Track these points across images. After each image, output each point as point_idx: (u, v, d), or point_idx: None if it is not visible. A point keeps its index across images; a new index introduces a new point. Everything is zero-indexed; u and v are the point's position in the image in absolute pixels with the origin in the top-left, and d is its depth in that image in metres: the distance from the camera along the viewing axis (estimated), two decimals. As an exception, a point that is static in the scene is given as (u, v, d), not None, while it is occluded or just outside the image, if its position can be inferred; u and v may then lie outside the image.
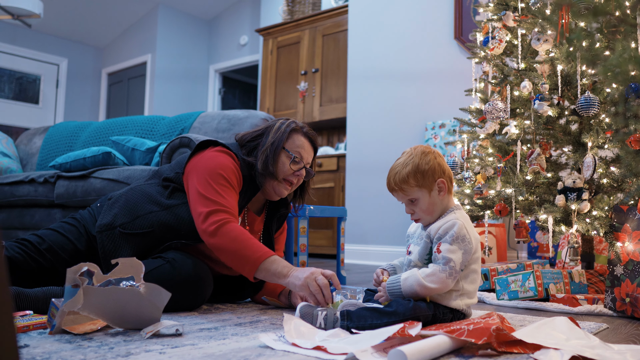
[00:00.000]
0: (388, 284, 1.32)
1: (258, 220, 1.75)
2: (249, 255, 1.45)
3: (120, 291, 1.19)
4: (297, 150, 1.66)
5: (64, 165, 2.77)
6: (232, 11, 6.91)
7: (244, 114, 2.93)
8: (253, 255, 1.45)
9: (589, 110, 1.93)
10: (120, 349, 1.05)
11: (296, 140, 1.67)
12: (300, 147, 1.67)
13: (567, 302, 1.82)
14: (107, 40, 7.44)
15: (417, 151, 1.37)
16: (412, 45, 4.14)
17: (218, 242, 1.47)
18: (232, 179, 1.57)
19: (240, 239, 1.46)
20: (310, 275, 1.40)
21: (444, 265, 1.27)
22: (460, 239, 1.28)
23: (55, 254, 1.56)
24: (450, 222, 1.31)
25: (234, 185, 1.57)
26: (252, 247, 1.46)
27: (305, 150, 1.68)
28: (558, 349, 1.07)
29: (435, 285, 1.26)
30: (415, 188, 1.34)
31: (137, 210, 1.59)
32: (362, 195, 4.30)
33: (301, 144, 1.67)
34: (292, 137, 1.67)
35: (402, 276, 1.30)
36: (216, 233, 1.47)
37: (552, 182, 2.14)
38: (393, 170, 1.38)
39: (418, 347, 0.99)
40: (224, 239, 1.46)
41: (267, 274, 1.45)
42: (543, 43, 2.03)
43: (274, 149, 1.63)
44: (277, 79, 5.48)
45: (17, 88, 6.75)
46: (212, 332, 1.24)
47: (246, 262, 1.45)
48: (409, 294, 1.28)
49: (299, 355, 1.04)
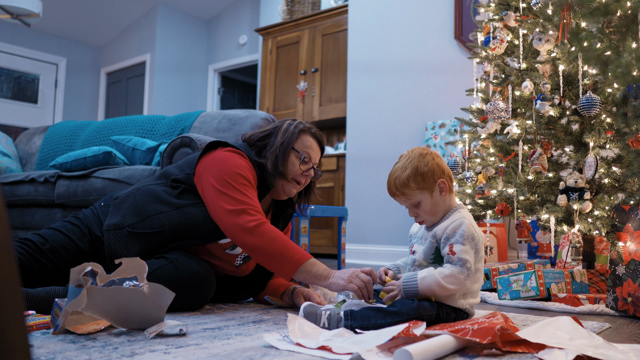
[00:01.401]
0: (404, 282, 1.31)
1: None
2: (289, 256, 1.47)
3: (124, 291, 1.19)
4: (306, 150, 1.68)
5: (64, 165, 2.76)
6: (231, 11, 6.91)
7: (245, 113, 2.93)
8: (294, 257, 1.47)
9: (591, 110, 1.93)
10: (125, 349, 1.05)
11: (305, 140, 1.69)
12: (309, 147, 1.69)
13: (569, 301, 1.82)
14: (106, 39, 7.43)
15: (415, 154, 1.37)
16: (412, 45, 4.15)
17: (256, 242, 1.47)
18: (250, 178, 1.58)
19: (279, 240, 1.48)
20: (352, 274, 1.44)
21: (461, 267, 1.27)
22: (470, 237, 1.29)
23: (57, 254, 1.56)
24: (457, 221, 1.31)
25: (252, 185, 1.58)
26: (292, 249, 1.48)
27: (313, 150, 1.70)
28: (562, 348, 1.07)
29: (454, 286, 1.27)
30: (416, 191, 1.34)
31: (146, 211, 1.58)
32: (362, 194, 4.30)
33: (310, 144, 1.69)
34: (301, 138, 1.69)
35: (419, 275, 1.30)
36: (254, 232, 1.47)
37: (553, 182, 2.14)
38: (392, 175, 1.37)
39: (423, 347, 0.99)
40: (264, 239, 1.47)
41: (308, 275, 1.48)
42: (545, 43, 2.03)
43: (283, 149, 1.64)
44: (277, 79, 5.48)
45: (16, 87, 6.74)
46: (216, 332, 1.24)
47: (287, 263, 1.47)
48: (425, 293, 1.29)
49: (304, 355, 1.04)
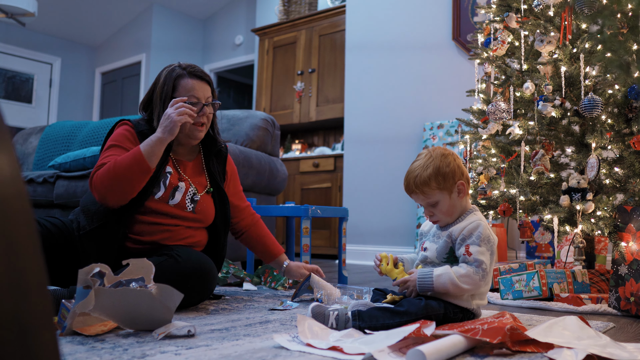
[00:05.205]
0: (419, 278, 1.32)
1: (190, 165, 1.78)
2: (132, 160, 1.52)
3: (131, 292, 1.18)
4: (189, 94, 1.66)
5: (63, 165, 2.74)
6: (227, 11, 6.89)
7: (244, 114, 2.93)
8: (134, 155, 1.52)
9: (593, 112, 1.94)
10: (135, 350, 1.04)
11: (185, 85, 1.67)
12: (191, 89, 1.66)
13: (571, 301, 1.83)
14: (101, 39, 7.39)
15: (437, 153, 1.37)
16: (410, 46, 4.16)
17: (100, 177, 1.53)
18: (123, 142, 1.64)
19: (115, 165, 1.52)
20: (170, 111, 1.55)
21: (477, 267, 1.28)
22: (486, 239, 1.30)
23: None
24: (474, 223, 1.32)
25: (123, 145, 1.64)
26: (126, 158, 1.52)
27: (197, 89, 1.67)
28: (571, 347, 1.08)
29: (469, 286, 1.28)
30: (436, 191, 1.35)
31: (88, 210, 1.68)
32: (360, 195, 4.30)
33: (191, 86, 1.67)
34: (180, 84, 1.67)
35: (435, 272, 1.31)
36: (93, 175, 1.56)
37: (554, 182, 2.15)
38: (412, 172, 1.37)
39: (436, 347, 0.99)
40: (103, 172, 1.53)
41: (149, 148, 1.52)
42: (546, 44, 2.04)
43: (163, 105, 1.66)
44: (274, 79, 5.48)
45: (10, 87, 6.69)
46: (224, 333, 1.24)
47: (134, 163, 1.51)
48: (440, 290, 1.29)
49: (315, 356, 1.04)
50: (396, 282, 1.37)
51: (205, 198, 1.74)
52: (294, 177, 4.90)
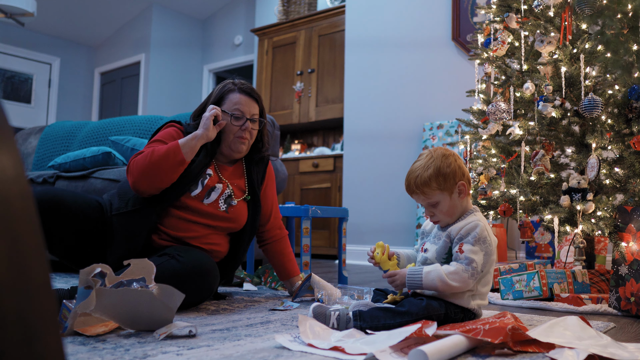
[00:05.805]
0: (409, 274, 1.32)
1: (230, 169, 1.83)
2: (167, 153, 1.61)
3: (133, 292, 1.18)
4: (234, 108, 1.74)
5: (63, 165, 2.74)
6: (226, 11, 6.89)
7: (244, 114, 2.92)
8: (170, 149, 1.61)
9: (593, 112, 1.95)
10: (137, 350, 1.04)
11: (232, 99, 1.76)
12: (237, 103, 1.75)
13: (571, 301, 1.83)
14: (100, 39, 7.38)
15: (438, 154, 1.37)
16: (410, 46, 4.16)
17: (137, 165, 1.62)
18: (167, 139, 1.72)
19: (152, 153, 1.61)
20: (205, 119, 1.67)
21: (466, 265, 1.28)
22: (482, 240, 1.30)
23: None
24: (473, 223, 1.32)
25: (167, 142, 1.71)
26: (162, 151, 1.60)
27: (243, 104, 1.76)
28: (573, 347, 1.08)
29: (457, 283, 1.27)
30: (436, 191, 1.35)
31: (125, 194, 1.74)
32: (359, 195, 4.30)
33: (237, 100, 1.76)
34: (227, 98, 1.77)
35: (425, 269, 1.31)
36: (130, 162, 1.66)
37: (555, 182, 2.15)
38: (413, 173, 1.37)
39: (437, 347, 0.99)
40: (140, 159, 1.63)
41: (189, 145, 1.63)
42: (546, 45, 2.05)
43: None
44: (273, 79, 5.47)
45: (9, 87, 6.68)
46: (225, 333, 1.24)
47: (171, 155, 1.60)
48: (428, 287, 1.30)
49: (317, 356, 1.04)
50: (386, 274, 1.37)
51: (240, 204, 1.79)
52: (293, 178, 4.90)
